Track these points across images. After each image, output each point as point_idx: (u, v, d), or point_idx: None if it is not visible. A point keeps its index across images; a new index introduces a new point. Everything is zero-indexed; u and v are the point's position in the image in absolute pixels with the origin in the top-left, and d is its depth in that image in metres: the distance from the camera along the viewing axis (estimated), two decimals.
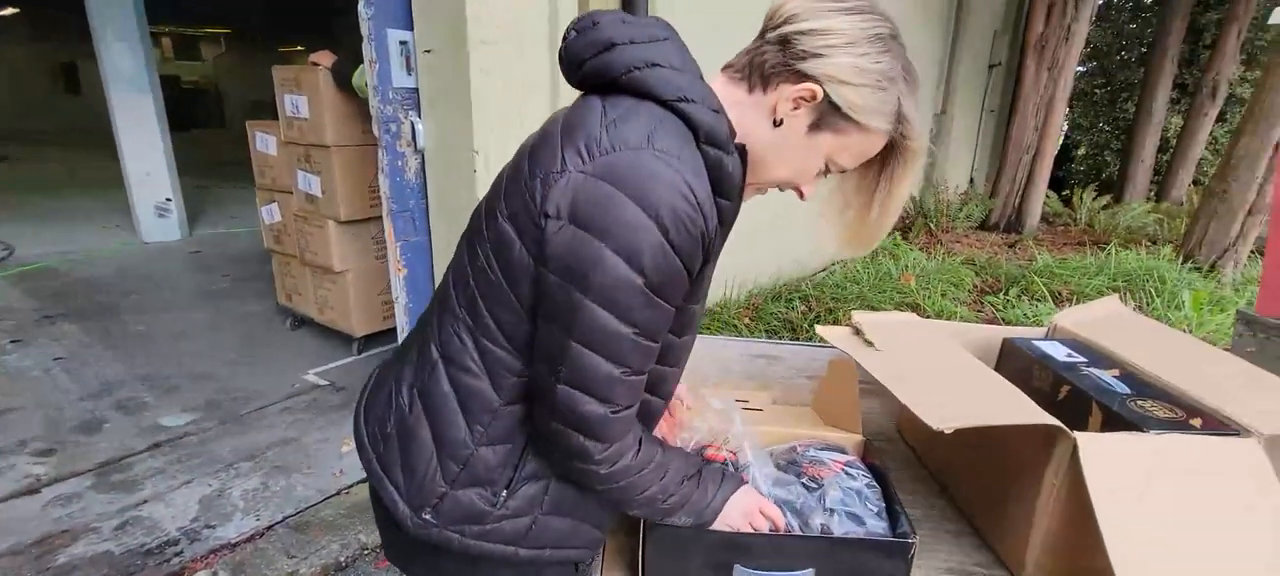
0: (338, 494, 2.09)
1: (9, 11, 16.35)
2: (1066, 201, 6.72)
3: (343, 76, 2.74)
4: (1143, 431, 0.85)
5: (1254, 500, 0.78)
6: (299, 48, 18.59)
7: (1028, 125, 5.76)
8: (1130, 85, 8.39)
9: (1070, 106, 9.52)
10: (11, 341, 3.28)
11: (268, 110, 3.16)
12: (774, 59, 0.67)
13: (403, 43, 2.21)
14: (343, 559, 1.84)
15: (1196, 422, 0.87)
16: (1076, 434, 0.81)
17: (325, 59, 2.83)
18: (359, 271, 3.10)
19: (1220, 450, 0.82)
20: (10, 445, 2.35)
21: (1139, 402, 0.93)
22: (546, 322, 0.66)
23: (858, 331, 1.20)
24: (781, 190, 0.79)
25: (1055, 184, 8.67)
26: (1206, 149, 7.24)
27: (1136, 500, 0.78)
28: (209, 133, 15.53)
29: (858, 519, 0.89)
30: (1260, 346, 1.53)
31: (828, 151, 0.71)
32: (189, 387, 2.86)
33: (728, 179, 0.68)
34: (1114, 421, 0.90)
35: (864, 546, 0.84)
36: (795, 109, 0.68)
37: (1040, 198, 5.97)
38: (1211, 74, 6.51)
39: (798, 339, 3.15)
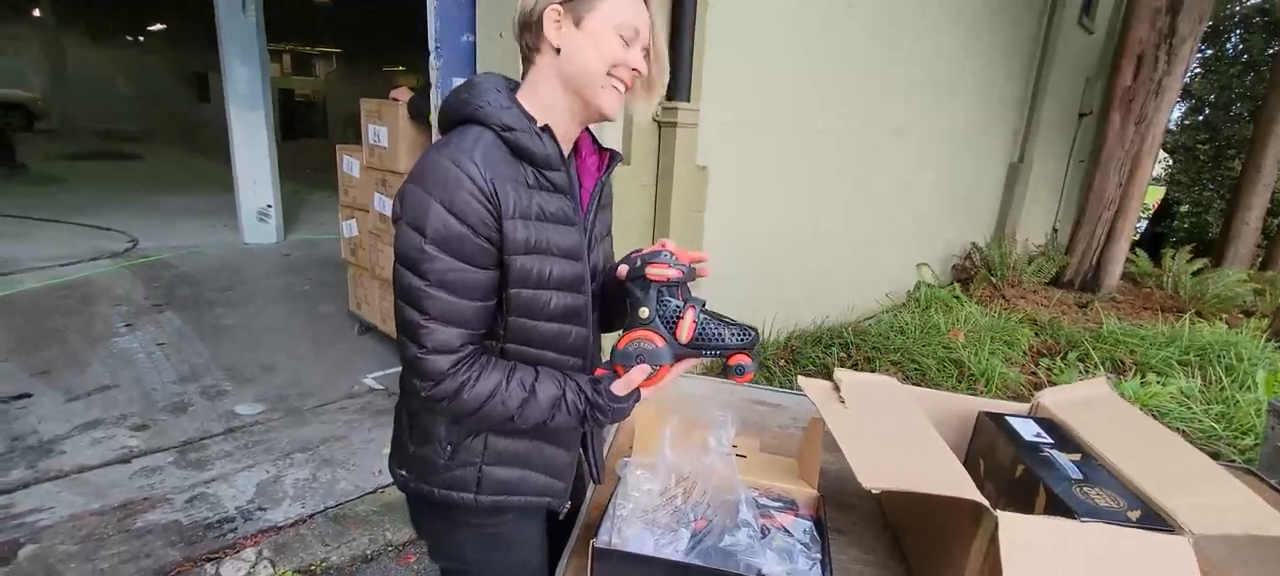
0: (373, 492, 2.29)
1: (157, 27, 18.60)
2: (1160, 262, 6.28)
3: (418, 110, 3.03)
4: (1075, 517, 0.87)
5: None
6: (400, 67, 20.01)
7: (1110, 180, 5.48)
8: (1238, 142, 7.78)
9: (1172, 161, 8.91)
10: (125, 325, 3.76)
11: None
12: (527, 38, 0.87)
13: None
14: (369, 552, 2.03)
15: (1134, 515, 0.89)
16: (998, 513, 0.85)
17: (403, 95, 3.13)
18: None
19: (1146, 544, 0.84)
20: (113, 418, 2.71)
21: (1084, 489, 0.95)
22: None
23: (837, 387, 1.27)
24: (627, 88, 0.89)
25: (1154, 242, 8.12)
26: None
27: None
28: (314, 142, 16.87)
29: (791, 560, 0.96)
30: None
31: (606, 23, 0.84)
32: (263, 380, 3.19)
33: (536, 149, 0.85)
34: (1055, 504, 0.93)
35: None
36: (558, 28, 0.84)
37: (1121, 256, 5.64)
38: None
39: None
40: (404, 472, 0.99)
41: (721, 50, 2.99)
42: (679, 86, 2.58)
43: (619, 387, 0.89)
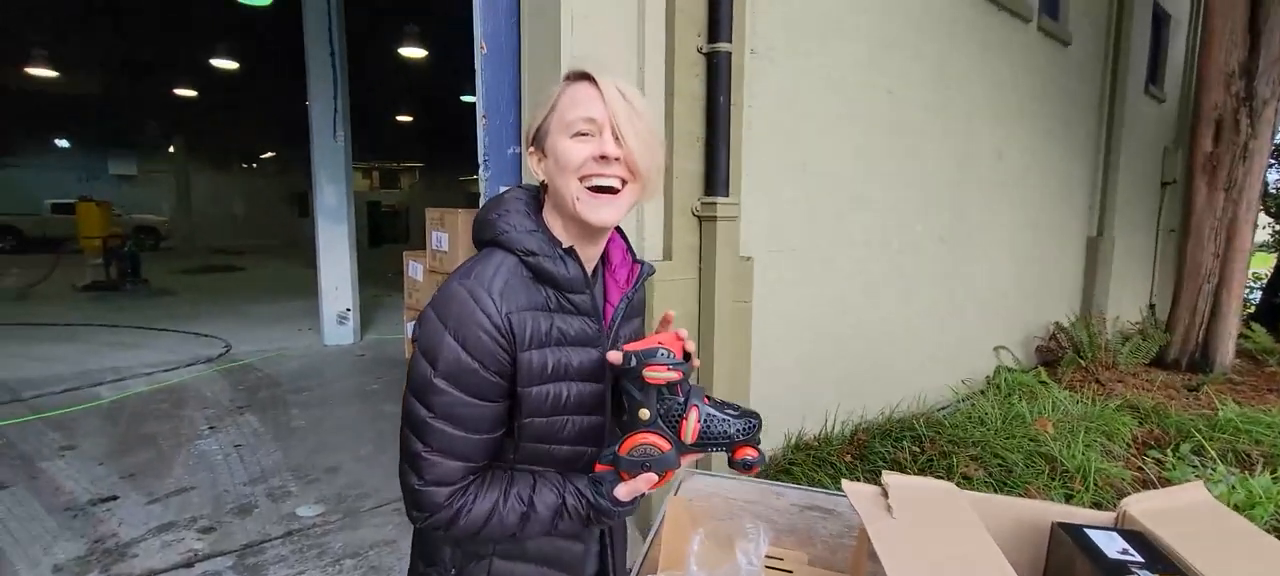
0: None
1: (268, 155, 21.04)
2: None
3: None
4: None
5: None
6: (475, 176, 21.57)
7: (1205, 250, 5.05)
8: None
9: (1278, 226, 8.17)
10: (209, 427, 3.99)
11: None
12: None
13: None
14: None
15: None
16: None
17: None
18: None
19: None
20: (185, 520, 2.83)
21: None
22: None
23: (885, 493, 1.16)
24: (610, 190, 0.84)
25: (1272, 314, 7.30)
26: None
27: None
28: (397, 249, 18.03)
29: None
30: None
31: (561, 134, 0.83)
32: (325, 481, 3.27)
33: (558, 274, 0.84)
34: None
35: None
36: (539, 166, 0.88)
37: (1231, 332, 5.09)
38: None
39: None
40: None
41: (767, 142, 3.03)
42: (717, 182, 2.61)
43: (623, 493, 0.85)
